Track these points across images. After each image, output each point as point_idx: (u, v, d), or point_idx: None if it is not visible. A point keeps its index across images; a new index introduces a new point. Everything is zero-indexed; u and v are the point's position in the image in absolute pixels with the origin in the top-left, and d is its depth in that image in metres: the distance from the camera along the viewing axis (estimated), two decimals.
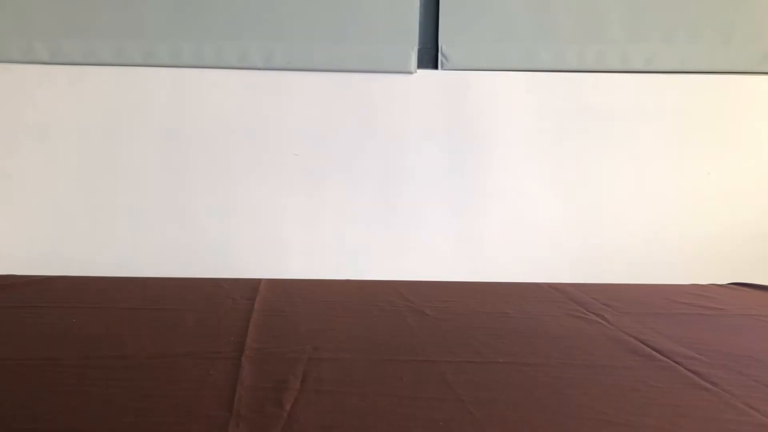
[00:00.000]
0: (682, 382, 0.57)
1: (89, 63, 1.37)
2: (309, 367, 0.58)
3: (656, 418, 0.50)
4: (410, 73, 1.39)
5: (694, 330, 0.72)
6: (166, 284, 0.94)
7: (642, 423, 0.49)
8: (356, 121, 1.39)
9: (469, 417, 0.50)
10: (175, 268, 1.27)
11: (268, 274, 1.03)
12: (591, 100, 1.40)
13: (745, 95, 1.41)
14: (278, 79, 1.39)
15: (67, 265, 1.27)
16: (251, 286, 0.89)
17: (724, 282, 1.01)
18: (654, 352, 0.65)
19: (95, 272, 1.31)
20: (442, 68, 1.39)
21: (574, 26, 1.38)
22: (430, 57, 1.39)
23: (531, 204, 1.42)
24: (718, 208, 1.43)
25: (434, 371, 0.59)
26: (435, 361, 0.61)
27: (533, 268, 1.34)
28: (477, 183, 1.41)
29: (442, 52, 1.39)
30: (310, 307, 0.80)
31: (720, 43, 1.38)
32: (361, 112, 1.39)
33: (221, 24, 1.37)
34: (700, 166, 1.40)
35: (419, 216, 1.39)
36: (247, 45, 1.38)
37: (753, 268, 1.35)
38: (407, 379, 0.57)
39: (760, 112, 1.42)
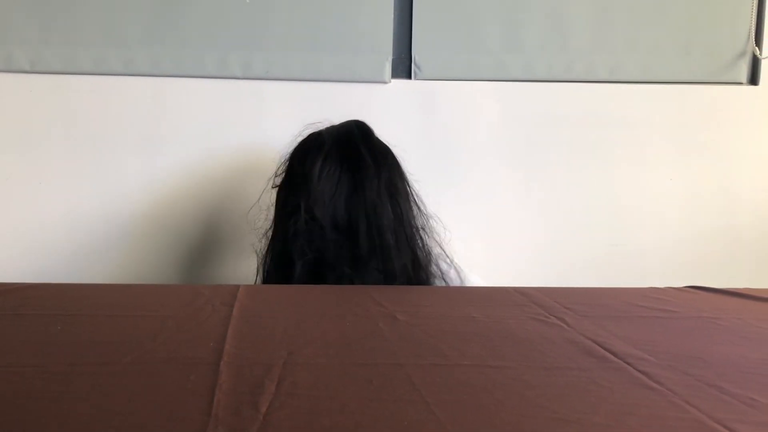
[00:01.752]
0: (631, 382, 0.61)
1: (69, 72, 1.39)
2: (284, 372, 0.62)
3: (604, 416, 0.54)
4: (385, 83, 1.42)
5: (647, 332, 0.77)
6: (148, 291, 0.97)
7: (591, 421, 0.53)
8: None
9: (432, 418, 0.53)
10: (157, 275, 1.30)
11: (248, 280, 1.06)
12: (559, 109, 1.45)
13: (704, 104, 1.47)
14: (257, 88, 1.42)
15: (50, 272, 1.30)
16: (230, 292, 0.92)
17: (683, 285, 1.06)
18: (608, 354, 0.69)
19: (77, 279, 1.34)
20: (416, 78, 1.43)
21: (542, 38, 1.42)
22: (404, 67, 1.43)
23: (502, 210, 1.46)
24: (679, 212, 1.49)
25: (402, 374, 0.62)
26: (403, 365, 0.65)
27: (504, 273, 1.38)
28: (449, 190, 1.45)
29: (415, 63, 1.43)
30: (287, 313, 0.83)
31: (680, 55, 1.44)
32: (337, 120, 1.42)
33: (201, 34, 1.40)
34: (662, 171, 1.46)
35: None
36: (226, 54, 1.41)
37: (712, 270, 1.41)
38: (377, 382, 0.60)
39: (718, 120, 1.48)
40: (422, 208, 1.14)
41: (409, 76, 1.44)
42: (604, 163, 1.47)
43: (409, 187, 1.14)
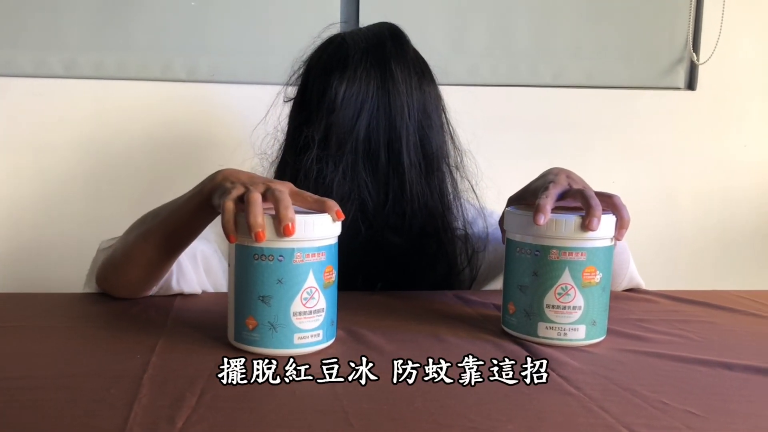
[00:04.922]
0: (550, 388, 0.63)
1: (10, 74, 1.37)
2: (208, 384, 0.62)
3: (518, 423, 0.55)
4: None
5: None
6: (84, 300, 0.95)
7: (504, 428, 0.54)
8: (281, 134, 1.42)
9: (349, 428, 0.54)
10: None
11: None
12: (503, 112, 1.46)
13: (645, 108, 1.50)
14: (202, 91, 1.41)
15: None
16: (167, 301, 0.92)
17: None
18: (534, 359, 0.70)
19: (13, 288, 1.31)
20: None
21: (486, 42, 1.44)
22: None
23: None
24: None
25: (326, 385, 0.62)
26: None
27: None
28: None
29: None
30: (222, 323, 0.83)
31: (621, 61, 1.47)
32: (285, 124, 1.42)
33: (144, 36, 1.38)
34: (606, 174, 1.49)
35: None
36: (170, 57, 1.39)
37: (652, 270, 1.44)
38: (299, 393, 0.61)
39: (659, 123, 1.52)
40: (456, 142, 1.00)
41: None
42: (548, 165, 1.48)
43: (444, 114, 0.98)
